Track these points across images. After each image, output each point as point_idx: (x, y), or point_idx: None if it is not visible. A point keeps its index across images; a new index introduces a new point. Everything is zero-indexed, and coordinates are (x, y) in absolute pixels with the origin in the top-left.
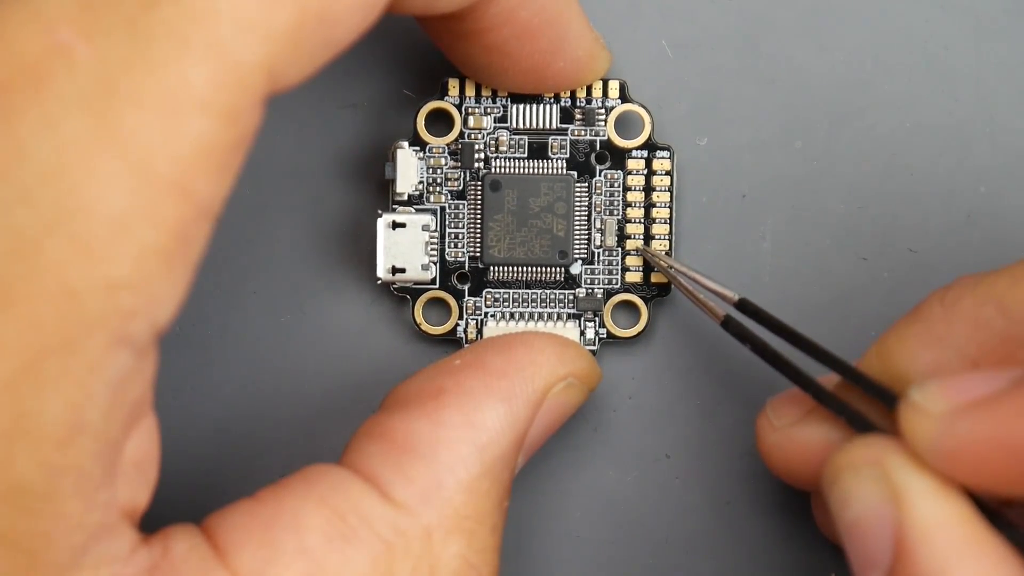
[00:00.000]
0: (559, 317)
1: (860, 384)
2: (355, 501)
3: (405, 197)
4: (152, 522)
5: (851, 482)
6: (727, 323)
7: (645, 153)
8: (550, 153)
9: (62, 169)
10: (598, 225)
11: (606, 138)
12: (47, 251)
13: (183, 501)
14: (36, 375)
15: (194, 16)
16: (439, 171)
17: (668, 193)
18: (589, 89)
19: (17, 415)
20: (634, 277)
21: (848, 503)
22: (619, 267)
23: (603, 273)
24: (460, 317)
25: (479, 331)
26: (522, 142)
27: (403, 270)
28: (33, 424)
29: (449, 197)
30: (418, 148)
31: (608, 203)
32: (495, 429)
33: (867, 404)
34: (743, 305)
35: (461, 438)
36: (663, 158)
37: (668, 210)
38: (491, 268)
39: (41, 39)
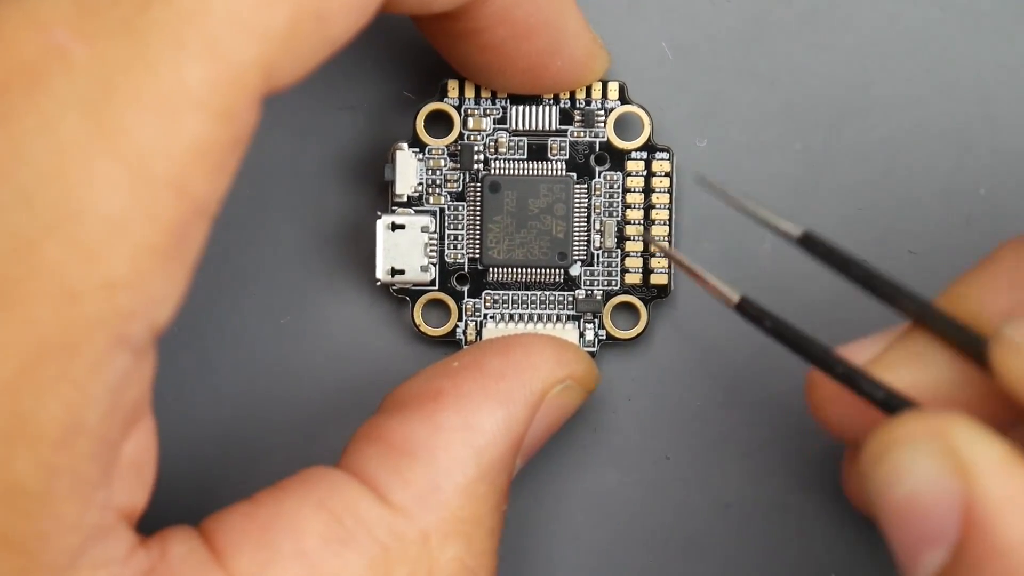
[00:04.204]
0: (558, 319)
1: (937, 324)
2: (352, 504)
3: (404, 198)
4: (150, 524)
5: (906, 456)
6: (742, 306)
7: (644, 155)
8: (549, 154)
9: (60, 170)
10: (597, 226)
11: (605, 139)
12: (45, 252)
13: (181, 503)
14: (34, 376)
15: (189, 16)
16: (438, 172)
17: (668, 195)
18: (588, 90)
19: (15, 416)
20: (633, 279)
21: (901, 478)
22: (618, 269)
23: (602, 275)
24: (459, 319)
25: (478, 333)
26: (521, 143)
27: (402, 271)
28: (31, 425)
29: (448, 198)
30: (417, 149)
31: (607, 204)
32: (492, 432)
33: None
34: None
35: (458, 441)
36: (662, 159)
37: (667, 212)
38: (490, 269)
39: (37, 40)
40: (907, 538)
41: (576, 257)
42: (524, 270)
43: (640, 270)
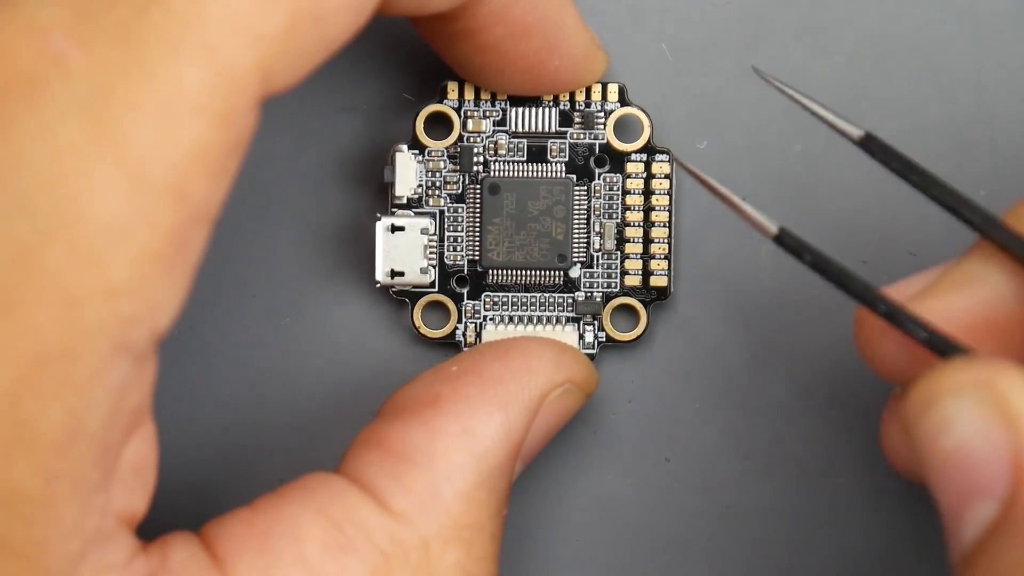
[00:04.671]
0: (558, 321)
1: (1002, 238)
2: (353, 511)
3: (404, 200)
4: (151, 528)
5: (954, 406)
6: (781, 238)
7: (644, 156)
8: (549, 156)
9: (59, 177)
10: (597, 228)
11: (605, 141)
12: (46, 259)
13: (181, 507)
14: (35, 382)
15: (186, 20)
16: (438, 174)
17: (667, 197)
18: (588, 92)
19: (15, 421)
20: (633, 281)
21: (949, 429)
22: (618, 271)
23: (602, 277)
24: (459, 321)
25: (478, 335)
26: (521, 145)
27: (402, 273)
28: (31, 431)
29: (448, 200)
30: (417, 151)
31: (607, 206)
32: (492, 437)
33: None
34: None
35: (458, 447)
36: (662, 161)
37: (667, 214)
38: (490, 271)
39: (36, 47)
40: (954, 491)
41: (576, 259)
42: (524, 272)
43: (640, 272)
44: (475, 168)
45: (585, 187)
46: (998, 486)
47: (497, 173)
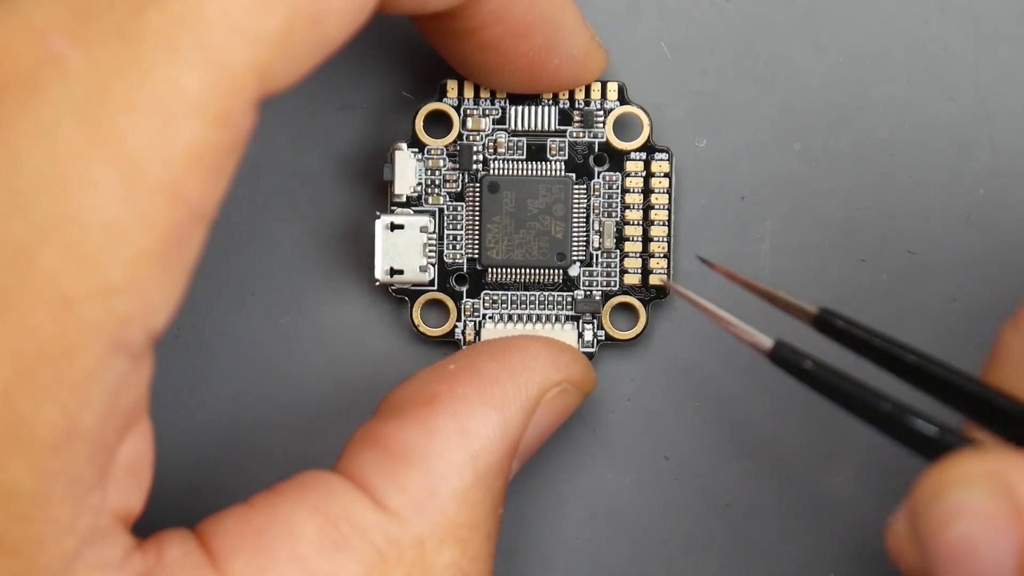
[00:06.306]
0: (557, 319)
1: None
2: (348, 509)
3: (403, 198)
4: (147, 525)
5: (962, 496)
6: (775, 353)
7: (644, 155)
8: (548, 155)
9: (55, 176)
10: (596, 227)
11: (605, 140)
12: (42, 259)
13: (178, 504)
14: (31, 382)
15: (183, 21)
16: (437, 173)
17: (667, 195)
18: (588, 91)
19: (11, 420)
20: (632, 279)
21: (956, 519)
22: (617, 269)
23: (601, 275)
24: (458, 319)
25: (477, 333)
26: (520, 144)
27: (401, 272)
28: (26, 429)
29: (447, 199)
30: (416, 150)
31: (607, 205)
32: (488, 437)
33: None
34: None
35: (454, 446)
36: (662, 160)
37: (667, 212)
38: (489, 270)
39: (33, 47)
40: None
41: (575, 258)
42: (523, 270)
43: (639, 271)
44: (474, 166)
45: (584, 185)
46: None
47: (496, 171)
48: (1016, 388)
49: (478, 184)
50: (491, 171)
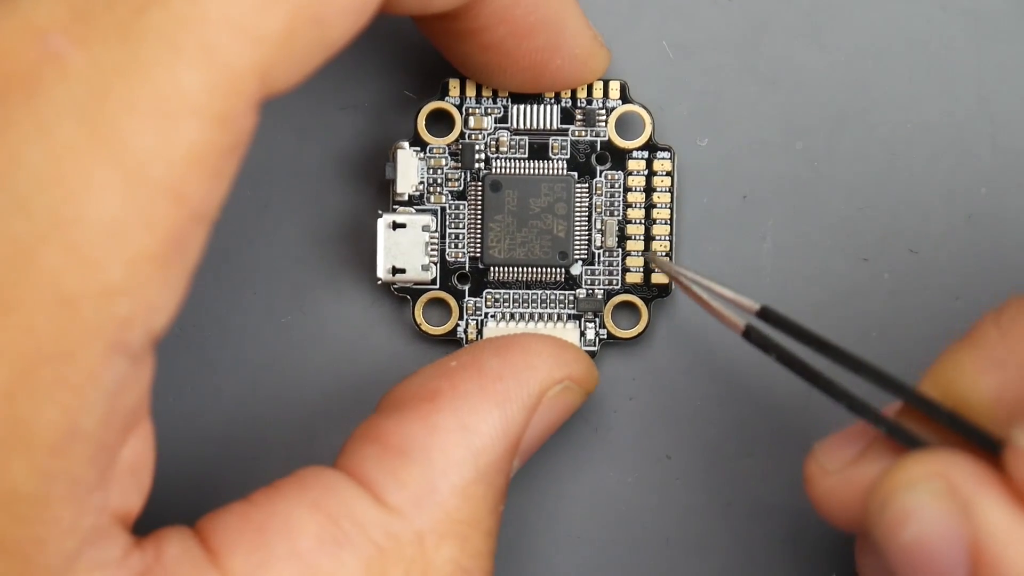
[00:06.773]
0: (559, 318)
1: (927, 410)
2: (348, 505)
3: (405, 197)
4: (147, 522)
5: (910, 499)
6: (748, 333)
7: (646, 154)
8: (551, 154)
9: (56, 177)
10: (598, 226)
11: (607, 139)
12: (42, 259)
13: (179, 501)
14: (32, 383)
15: (185, 21)
16: (439, 171)
17: (669, 194)
18: (590, 89)
19: (11, 421)
20: (634, 278)
21: (907, 522)
22: (619, 268)
23: (603, 274)
24: (460, 318)
25: (479, 332)
26: (523, 143)
27: (403, 270)
28: (27, 430)
29: (449, 197)
30: (419, 148)
31: (608, 204)
32: (490, 434)
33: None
34: (765, 314)
35: (455, 442)
36: (664, 159)
37: (669, 211)
38: (491, 269)
39: (33, 47)
40: None
41: (577, 256)
42: (525, 269)
43: (641, 269)
44: (476, 165)
45: (586, 184)
46: (958, 573)
47: (498, 170)
48: (976, 373)
49: (480, 183)
50: (493, 170)
